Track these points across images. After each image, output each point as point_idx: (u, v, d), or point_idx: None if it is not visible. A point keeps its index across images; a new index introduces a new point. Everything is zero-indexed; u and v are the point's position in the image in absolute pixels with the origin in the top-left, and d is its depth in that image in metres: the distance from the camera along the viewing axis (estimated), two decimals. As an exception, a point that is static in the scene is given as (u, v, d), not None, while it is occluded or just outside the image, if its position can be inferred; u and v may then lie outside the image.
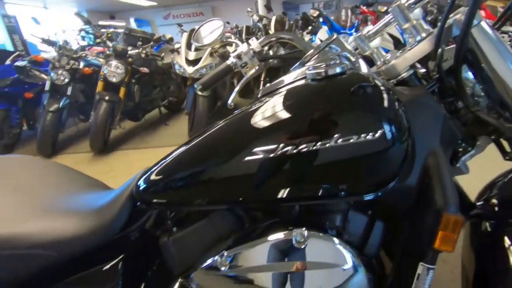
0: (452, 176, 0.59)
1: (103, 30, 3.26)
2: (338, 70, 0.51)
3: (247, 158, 0.50)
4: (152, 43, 3.42)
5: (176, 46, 3.30)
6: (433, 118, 0.60)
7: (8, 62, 3.12)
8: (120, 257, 0.63)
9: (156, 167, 0.60)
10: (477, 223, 0.74)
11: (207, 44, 0.94)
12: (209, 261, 0.56)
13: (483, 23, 0.56)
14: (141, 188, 0.59)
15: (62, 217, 0.65)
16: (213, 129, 0.57)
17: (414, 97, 0.59)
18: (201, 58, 2.95)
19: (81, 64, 3.23)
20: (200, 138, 0.58)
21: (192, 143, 0.59)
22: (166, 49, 3.80)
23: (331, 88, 0.51)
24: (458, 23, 0.57)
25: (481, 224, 0.74)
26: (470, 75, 0.66)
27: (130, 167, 2.83)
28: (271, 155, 0.48)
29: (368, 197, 0.53)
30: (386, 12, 4.95)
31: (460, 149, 0.66)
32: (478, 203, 0.76)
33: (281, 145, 0.48)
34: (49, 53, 3.50)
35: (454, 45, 0.60)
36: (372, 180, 0.51)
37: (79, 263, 0.63)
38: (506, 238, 0.65)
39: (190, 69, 2.90)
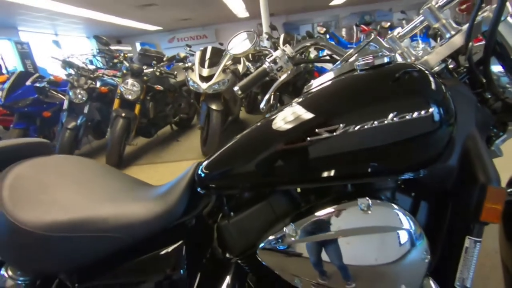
0: (490, 158, 0.65)
1: (119, 50, 3.42)
2: (386, 60, 0.58)
3: (309, 139, 0.55)
4: (166, 61, 3.56)
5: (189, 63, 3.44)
6: (469, 105, 0.66)
7: (28, 83, 3.25)
8: (182, 241, 0.68)
9: (215, 154, 0.66)
10: (510, 210, 0.77)
11: (243, 52, 1.02)
12: (271, 238, 0.59)
13: (510, 18, 0.64)
14: (201, 174, 0.65)
15: (129, 205, 0.70)
16: (268, 119, 0.63)
17: (451, 86, 0.66)
18: (214, 74, 3.07)
19: (98, 84, 3.37)
20: (257, 125, 0.64)
21: (250, 131, 0.65)
22: (178, 68, 3.96)
23: (382, 75, 0.57)
24: (487, 19, 0.64)
25: None
26: (495, 68, 0.72)
27: (148, 180, 2.86)
28: (334, 134, 0.54)
29: (415, 174, 0.58)
30: (390, 28, 5.19)
31: (493, 135, 0.72)
32: (508, 190, 0.81)
33: (342, 125, 0.54)
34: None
35: (481, 42, 0.67)
36: (421, 157, 0.56)
37: (146, 246, 0.67)
38: None
39: (204, 85, 3.01)
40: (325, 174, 0.57)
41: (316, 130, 0.55)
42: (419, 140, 0.54)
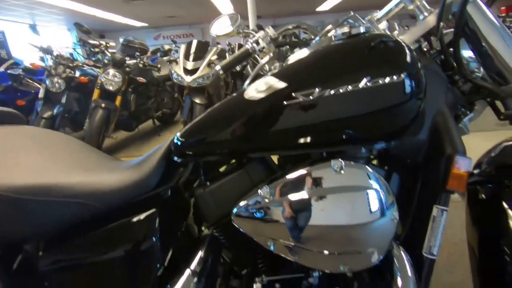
0: (457, 133, 0.68)
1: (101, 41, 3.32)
2: (362, 30, 0.60)
3: (285, 103, 0.56)
4: (149, 54, 3.50)
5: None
6: (439, 83, 0.70)
7: (1, 69, 3.10)
8: (157, 209, 0.66)
9: (192, 123, 0.66)
10: (475, 193, 0.81)
11: (225, 34, 1.02)
12: (245, 201, 0.59)
13: (478, 1, 0.67)
14: (178, 142, 0.64)
15: (101, 173, 0.69)
16: (246, 88, 0.64)
17: (424, 64, 0.69)
18: (198, 68, 3.04)
19: (77, 73, 3.25)
20: (234, 95, 0.64)
21: (227, 99, 0.65)
22: (162, 62, 3.90)
23: (358, 43, 0.59)
24: (457, 1, 0.68)
25: (479, 194, 0.81)
26: (465, 54, 0.76)
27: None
28: (310, 97, 0.55)
29: (387, 144, 0.61)
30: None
31: (461, 113, 0.75)
32: (475, 171, 0.85)
33: (318, 89, 0.55)
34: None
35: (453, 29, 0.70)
36: (391, 127, 0.58)
37: (118, 215, 0.65)
38: (504, 202, 0.73)
39: (188, 78, 2.98)
40: (301, 140, 0.58)
41: (293, 94, 0.56)
42: (390, 110, 0.56)
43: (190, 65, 3.03)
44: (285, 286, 0.69)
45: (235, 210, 0.59)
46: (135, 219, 0.64)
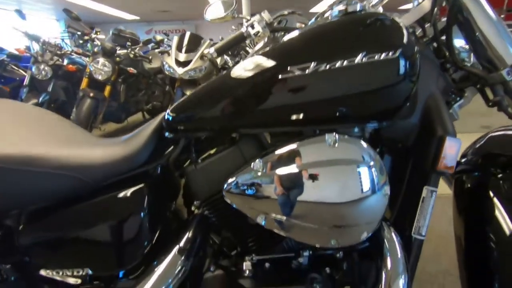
0: (448, 116, 0.69)
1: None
2: (358, 7, 0.60)
3: (280, 76, 0.56)
4: (141, 44, 3.44)
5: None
6: (432, 68, 0.71)
7: (-16, 54, 2.98)
8: (145, 185, 0.65)
9: (183, 99, 0.65)
10: (462, 182, 0.83)
11: (220, 18, 1.02)
12: (237, 175, 0.58)
13: None
14: (169, 118, 0.63)
15: (89, 146, 0.67)
16: (240, 63, 0.63)
17: (418, 49, 0.69)
18: (191, 60, 3.01)
19: (65, 61, 3.16)
20: (228, 70, 0.64)
21: (220, 75, 0.64)
22: (154, 54, 3.83)
23: (355, 19, 0.59)
24: None
25: (465, 183, 0.83)
26: (457, 43, 0.78)
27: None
28: (306, 72, 0.55)
29: (379, 124, 0.61)
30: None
31: (451, 100, 0.77)
32: (462, 160, 0.86)
33: (314, 63, 0.54)
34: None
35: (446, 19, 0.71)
36: (384, 107, 0.59)
37: (105, 189, 0.63)
38: (491, 189, 0.74)
39: (180, 70, 2.95)
40: (293, 117, 0.58)
41: (289, 67, 0.55)
42: (383, 89, 0.57)
43: (182, 57, 2.99)
44: (275, 265, 0.68)
45: (226, 184, 0.58)
46: (122, 194, 0.62)
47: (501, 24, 0.68)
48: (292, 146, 0.55)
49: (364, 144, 0.55)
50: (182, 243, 0.63)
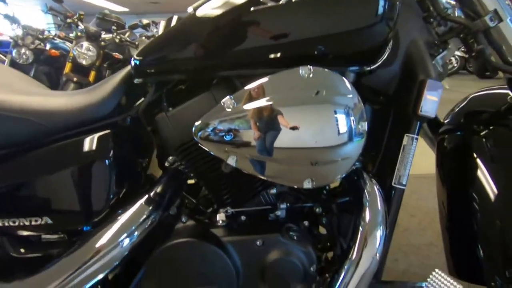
0: (430, 60, 0.67)
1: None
2: None
3: (252, 8, 0.53)
4: (128, 29, 3.35)
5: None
6: (415, 18, 0.68)
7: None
8: (111, 132, 0.61)
9: (150, 42, 0.62)
10: (445, 143, 0.81)
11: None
12: (207, 114, 0.54)
13: None
14: (136, 62, 0.60)
15: (53, 94, 0.63)
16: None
17: None
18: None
19: (48, 46, 3.06)
20: (195, 9, 0.60)
21: (189, 15, 0.61)
22: (142, 41, 3.73)
23: None
24: None
25: (448, 144, 0.81)
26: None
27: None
28: (279, 2, 0.51)
29: (359, 68, 0.59)
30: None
31: (434, 52, 0.75)
32: (445, 121, 0.85)
33: None
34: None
35: None
36: (359, 48, 0.57)
37: (69, 136, 0.59)
38: (474, 148, 0.73)
39: (167, 55, 2.88)
40: (268, 56, 0.55)
41: None
42: (360, 30, 0.55)
43: (169, 41, 2.92)
44: (251, 218, 0.65)
45: (196, 125, 0.54)
46: (85, 140, 0.59)
47: None
48: (264, 80, 0.52)
49: (340, 76, 0.53)
50: (151, 194, 0.59)
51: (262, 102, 0.50)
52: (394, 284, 0.63)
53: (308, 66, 0.51)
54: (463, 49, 0.77)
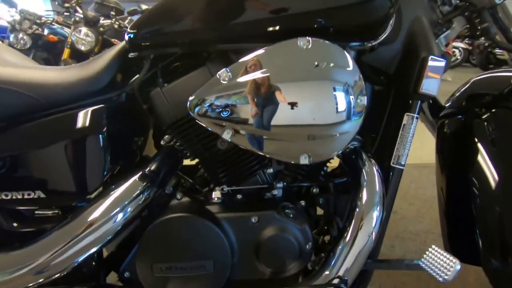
0: (433, 38, 0.65)
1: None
2: None
3: None
4: (126, 15, 3.30)
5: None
6: None
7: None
8: (106, 106, 0.59)
9: (144, 15, 0.60)
10: (445, 127, 0.80)
11: None
12: (207, 87, 0.53)
13: None
14: (131, 35, 0.58)
15: (46, 69, 0.62)
16: None
17: None
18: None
19: (46, 31, 3.02)
20: None
21: None
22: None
23: None
24: None
25: (449, 128, 0.80)
26: None
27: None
28: None
29: (361, 44, 0.57)
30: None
31: (438, 31, 0.73)
32: (446, 105, 0.83)
33: None
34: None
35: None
36: (359, 22, 0.55)
37: (62, 111, 0.58)
38: (474, 131, 0.71)
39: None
40: (269, 29, 0.53)
41: None
42: (361, 3, 0.52)
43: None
44: (247, 197, 0.65)
45: (191, 98, 0.53)
46: (79, 113, 0.57)
47: None
48: (260, 51, 0.50)
49: (340, 48, 0.51)
50: (145, 171, 0.58)
51: (259, 74, 0.49)
52: (390, 262, 0.63)
53: (307, 37, 0.49)
54: (467, 41, 0.75)
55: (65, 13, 3.15)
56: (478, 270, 0.64)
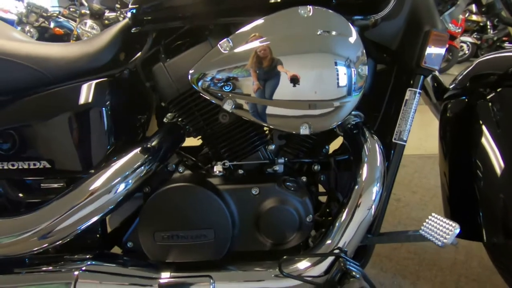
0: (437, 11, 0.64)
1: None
2: None
3: None
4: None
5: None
6: None
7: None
8: (110, 80, 0.60)
9: None
10: (450, 107, 0.79)
11: None
12: (208, 57, 0.53)
13: None
14: (133, 10, 0.58)
15: (50, 45, 0.63)
16: None
17: None
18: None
19: (52, 24, 3.05)
20: None
21: None
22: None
23: None
24: None
25: (453, 109, 0.79)
26: None
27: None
28: None
29: (364, 17, 0.57)
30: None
31: (442, 8, 0.72)
32: (450, 86, 0.82)
33: None
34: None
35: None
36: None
37: (66, 84, 0.59)
38: (478, 111, 0.71)
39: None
40: (270, 0, 0.53)
41: None
42: None
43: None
44: (249, 172, 0.65)
45: (192, 70, 0.53)
46: (84, 85, 0.58)
47: None
48: (261, 20, 0.50)
49: (341, 17, 0.51)
50: (147, 144, 0.59)
51: (259, 43, 0.49)
52: (390, 235, 0.63)
53: (308, 6, 0.49)
54: (475, 36, 0.74)
55: (71, 7, 3.19)
56: (482, 255, 0.63)
